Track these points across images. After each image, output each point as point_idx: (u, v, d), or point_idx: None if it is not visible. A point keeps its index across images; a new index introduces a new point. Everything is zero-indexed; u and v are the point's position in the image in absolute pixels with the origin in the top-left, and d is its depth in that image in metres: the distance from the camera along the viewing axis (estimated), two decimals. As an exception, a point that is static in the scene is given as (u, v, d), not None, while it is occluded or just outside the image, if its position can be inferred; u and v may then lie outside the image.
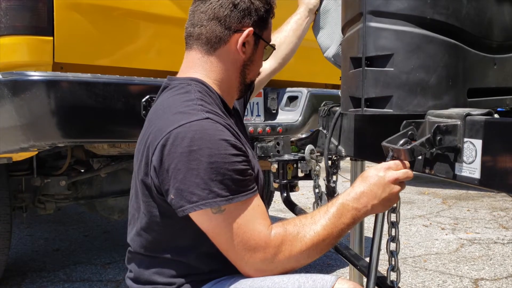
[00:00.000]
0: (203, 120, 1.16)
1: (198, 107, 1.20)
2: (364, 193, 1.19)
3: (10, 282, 3.10)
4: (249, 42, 1.33)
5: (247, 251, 1.14)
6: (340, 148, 1.80)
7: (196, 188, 1.11)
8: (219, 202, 1.11)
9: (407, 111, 1.29)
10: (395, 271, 1.37)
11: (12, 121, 1.98)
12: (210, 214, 1.13)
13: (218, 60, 1.33)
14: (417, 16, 1.26)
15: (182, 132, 1.13)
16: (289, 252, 1.15)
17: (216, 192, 1.11)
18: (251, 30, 1.31)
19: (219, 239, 1.16)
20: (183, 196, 1.12)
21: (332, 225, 1.17)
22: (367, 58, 1.31)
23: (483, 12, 1.34)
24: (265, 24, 1.37)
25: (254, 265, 1.16)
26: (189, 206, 1.12)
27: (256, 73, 1.43)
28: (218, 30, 1.31)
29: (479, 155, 1.12)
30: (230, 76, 1.35)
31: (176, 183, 1.12)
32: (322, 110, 1.96)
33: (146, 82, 2.22)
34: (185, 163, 1.11)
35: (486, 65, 1.40)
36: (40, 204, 3.09)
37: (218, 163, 1.11)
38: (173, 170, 1.12)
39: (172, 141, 1.13)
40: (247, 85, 1.42)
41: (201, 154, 1.11)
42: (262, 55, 1.41)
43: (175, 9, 2.47)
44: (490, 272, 3.38)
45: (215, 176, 1.11)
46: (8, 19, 1.99)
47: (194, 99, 1.23)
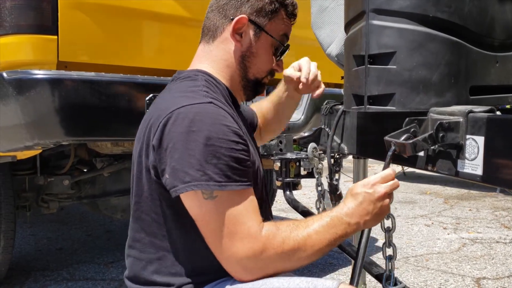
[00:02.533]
0: (206, 104, 1.15)
1: (203, 93, 1.20)
2: (355, 210, 1.18)
3: (14, 281, 3.11)
4: (246, 32, 1.30)
5: (234, 243, 1.10)
6: (342, 146, 1.81)
7: (190, 168, 1.08)
8: (211, 186, 1.08)
9: (410, 108, 1.29)
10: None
11: (17, 120, 1.99)
12: (201, 199, 1.10)
13: (218, 49, 1.32)
14: (419, 14, 1.26)
15: (183, 112, 1.13)
16: (280, 250, 1.11)
17: (209, 175, 1.08)
18: (243, 17, 1.28)
19: (207, 228, 1.12)
20: (177, 175, 1.10)
21: (325, 232, 1.15)
22: (370, 56, 1.32)
23: (485, 10, 1.35)
24: (269, 16, 1.32)
25: (240, 261, 1.10)
26: (181, 186, 1.09)
27: (261, 69, 1.36)
28: (217, 19, 1.33)
29: (481, 152, 1.13)
30: (230, 67, 1.32)
31: (172, 162, 1.10)
32: (324, 109, 1.96)
33: (150, 80, 2.23)
34: (183, 143, 1.09)
35: (488, 63, 1.41)
36: (43, 203, 3.10)
37: (216, 147, 1.09)
38: (171, 149, 1.11)
39: (173, 121, 1.12)
40: (250, 81, 1.36)
41: (199, 136, 1.09)
42: (268, 50, 1.34)
43: (178, 8, 2.48)
44: (492, 271, 3.38)
45: (210, 159, 1.09)
46: (12, 18, 2.00)
47: (199, 85, 1.24)
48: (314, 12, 1.84)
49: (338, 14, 1.73)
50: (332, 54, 1.78)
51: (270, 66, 1.37)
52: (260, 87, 1.39)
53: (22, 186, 3.03)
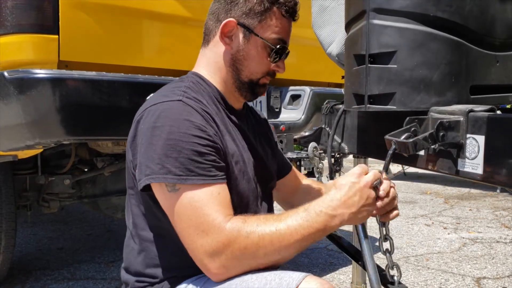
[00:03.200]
0: (174, 101, 1.19)
1: (180, 92, 1.23)
2: (340, 201, 1.12)
3: (15, 280, 3.11)
4: (236, 35, 1.29)
5: (199, 235, 1.09)
6: (343, 145, 1.81)
7: (151, 162, 1.12)
8: (169, 179, 1.11)
9: (410, 107, 1.30)
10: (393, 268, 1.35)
11: (18, 119, 1.99)
12: (165, 192, 1.13)
13: (211, 52, 1.34)
14: (420, 14, 1.27)
15: (153, 109, 1.18)
16: (243, 244, 1.08)
17: (168, 168, 1.11)
18: (230, 20, 1.28)
19: (174, 220, 1.14)
20: (141, 169, 1.15)
21: (298, 226, 1.10)
22: (370, 55, 1.32)
23: (486, 9, 1.35)
24: (258, 17, 1.29)
25: (206, 254, 1.09)
26: (143, 179, 1.14)
27: (255, 71, 1.33)
28: (210, 23, 1.34)
29: (481, 151, 1.13)
30: (222, 70, 1.32)
31: (139, 156, 1.16)
32: (325, 108, 1.97)
33: (150, 80, 2.24)
34: (148, 138, 1.14)
35: (488, 63, 1.41)
36: (44, 202, 3.10)
37: (177, 141, 1.12)
38: (140, 144, 1.17)
39: (144, 117, 1.19)
40: (245, 83, 1.33)
41: (162, 131, 1.13)
42: (260, 52, 1.31)
43: (179, 8, 2.48)
44: (492, 271, 3.38)
45: (171, 153, 1.11)
46: (14, 17, 2.00)
47: (182, 86, 1.27)
48: (315, 11, 1.84)
49: (338, 13, 1.73)
50: (333, 53, 1.78)
51: (265, 67, 1.33)
52: (258, 87, 1.36)
53: (23, 185, 3.04)
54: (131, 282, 1.29)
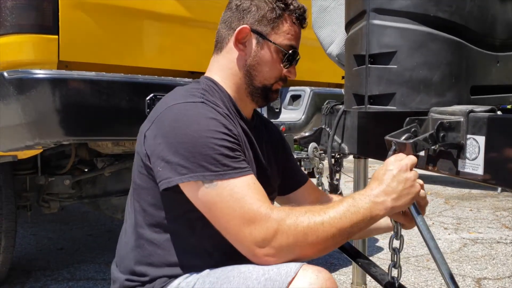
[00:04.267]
0: (197, 103, 1.22)
1: (199, 94, 1.26)
2: (380, 190, 1.15)
3: (15, 280, 3.11)
4: (249, 41, 1.33)
5: (246, 224, 1.09)
6: (343, 145, 1.81)
7: (185, 161, 1.13)
8: (207, 176, 1.12)
9: (410, 108, 1.29)
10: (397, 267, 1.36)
11: (18, 119, 1.99)
12: (202, 189, 1.13)
13: (224, 58, 1.37)
14: (420, 14, 1.27)
15: (176, 108, 1.20)
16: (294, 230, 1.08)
17: (205, 166, 1.12)
18: (244, 27, 1.32)
19: (214, 214, 1.14)
20: (171, 168, 1.14)
21: (346, 211, 1.12)
22: (370, 56, 1.32)
23: (487, 9, 1.35)
24: (271, 23, 1.33)
25: (256, 241, 1.09)
26: (176, 178, 1.13)
27: (268, 77, 1.36)
28: (223, 31, 1.38)
29: (482, 152, 1.13)
30: (235, 75, 1.35)
31: (165, 156, 1.15)
32: (325, 108, 1.96)
33: (150, 80, 2.23)
34: (176, 137, 1.15)
35: (489, 63, 1.41)
36: (44, 203, 3.10)
37: (207, 138, 1.14)
38: (164, 143, 1.16)
39: (166, 116, 1.19)
40: (258, 88, 1.36)
41: (190, 129, 1.14)
42: (273, 58, 1.35)
43: (179, 8, 2.48)
44: (493, 272, 3.38)
45: (204, 151, 1.12)
46: (13, 17, 2.00)
47: (199, 88, 1.30)
48: (315, 11, 1.84)
49: (338, 13, 1.73)
50: (333, 54, 1.78)
51: (278, 73, 1.37)
52: (271, 93, 1.39)
53: (23, 186, 3.03)
54: (121, 280, 1.30)
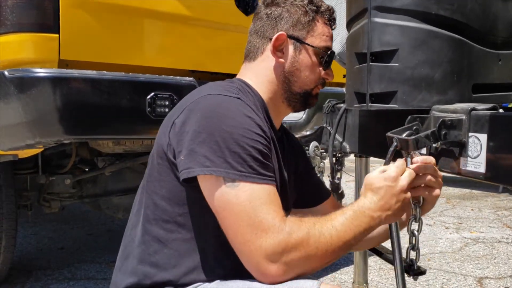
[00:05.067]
0: (235, 98, 1.17)
1: (235, 91, 1.22)
2: (377, 205, 1.14)
3: (15, 280, 3.11)
4: (286, 47, 1.31)
5: (258, 235, 1.04)
6: (344, 144, 1.80)
7: (211, 153, 1.07)
8: (231, 174, 1.06)
9: (412, 106, 1.29)
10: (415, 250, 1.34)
11: (18, 118, 1.99)
12: (222, 186, 1.07)
13: (259, 67, 1.34)
14: (422, 12, 1.26)
15: (212, 99, 1.16)
16: (305, 243, 1.06)
17: (230, 163, 1.07)
18: (281, 34, 1.30)
19: (226, 215, 1.08)
20: (194, 158, 1.08)
21: (350, 224, 1.11)
22: (372, 54, 1.31)
23: (488, 7, 1.35)
24: (306, 27, 1.32)
25: (266, 254, 1.04)
26: (198, 169, 1.08)
27: (310, 81, 1.34)
28: (256, 41, 1.35)
29: (484, 150, 1.12)
30: (272, 82, 1.32)
31: (191, 144, 1.09)
32: (326, 107, 1.96)
33: (151, 79, 2.23)
34: (207, 128, 1.09)
35: (491, 61, 1.40)
36: (45, 202, 3.10)
37: (239, 136, 1.09)
38: (193, 132, 1.10)
39: (200, 105, 1.14)
40: (297, 94, 1.34)
41: (224, 123, 1.10)
42: (312, 61, 1.33)
43: (180, 7, 2.48)
44: (494, 271, 3.38)
45: (233, 147, 1.08)
46: (14, 16, 2.00)
47: (234, 86, 1.26)
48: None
49: (340, 11, 1.73)
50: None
51: (317, 76, 1.35)
52: (310, 98, 1.37)
53: (24, 185, 3.03)
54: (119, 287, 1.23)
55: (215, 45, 2.70)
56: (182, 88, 2.28)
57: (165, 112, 2.21)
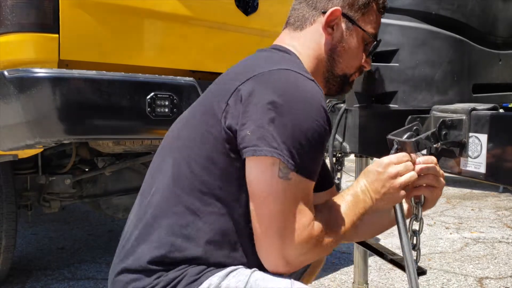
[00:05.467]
0: (309, 80, 1.09)
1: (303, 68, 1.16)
2: (367, 187, 1.16)
3: (15, 280, 3.11)
4: (338, 24, 1.24)
5: (288, 234, 1.04)
6: (344, 144, 1.80)
7: (280, 136, 1.00)
8: (290, 164, 1.01)
9: (412, 106, 1.29)
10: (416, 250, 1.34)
11: (18, 118, 1.99)
12: (274, 173, 1.01)
13: (306, 38, 1.26)
14: (422, 12, 1.26)
15: (290, 75, 1.07)
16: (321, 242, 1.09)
17: (291, 152, 1.01)
18: (337, 9, 1.23)
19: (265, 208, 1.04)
20: (263, 136, 1.01)
21: (351, 213, 1.15)
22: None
23: (489, 8, 1.35)
24: (362, 9, 1.25)
25: (284, 252, 1.05)
26: (265, 149, 1.00)
27: (351, 65, 1.28)
28: (305, 11, 1.27)
29: (484, 150, 1.12)
30: (317, 59, 1.26)
31: (261, 119, 1.01)
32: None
33: (151, 79, 2.23)
34: (281, 106, 1.02)
35: (491, 61, 1.40)
36: (45, 202, 3.10)
37: (313, 130, 1.03)
38: (264, 107, 1.02)
39: (273, 78, 1.06)
40: (337, 76, 1.29)
41: (297, 108, 1.03)
42: (359, 45, 1.27)
43: (179, 7, 2.48)
44: (495, 271, 3.37)
45: (299, 137, 1.02)
46: (14, 16, 2.00)
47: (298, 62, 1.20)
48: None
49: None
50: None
51: (359, 62, 1.29)
52: (347, 84, 1.32)
53: (24, 185, 3.03)
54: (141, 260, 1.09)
55: (215, 45, 2.70)
56: (182, 88, 2.28)
57: (165, 112, 2.21)
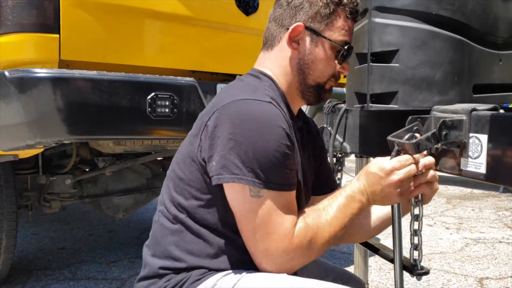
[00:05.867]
0: (267, 103, 1.17)
1: (264, 91, 1.23)
2: (366, 189, 1.20)
3: (16, 280, 3.11)
4: (302, 38, 1.29)
5: (269, 243, 1.14)
6: (345, 144, 1.80)
7: (241, 162, 1.12)
8: (257, 184, 1.12)
9: (413, 106, 1.29)
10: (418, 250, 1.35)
11: (19, 118, 1.99)
12: (247, 195, 1.13)
13: (276, 56, 1.33)
14: (422, 12, 1.26)
15: (245, 105, 1.16)
16: (306, 246, 1.16)
17: (258, 173, 1.11)
18: (298, 25, 1.27)
19: (245, 224, 1.16)
20: (225, 165, 1.13)
21: (343, 214, 1.19)
22: (372, 54, 1.32)
23: (489, 8, 1.35)
24: (326, 20, 1.28)
25: (271, 257, 1.16)
26: (227, 176, 1.13)
27: (324, 75, 1.31)
28: (274, 29, 1.33)
29: (484, 150, 1.12)
30: (288, 74, 1.32)
31: (223, 151, 1.13)
32: (327, 108, 1.96)
33: (152, 79, 2.23)
34: (238, 135, 1.12)
35: (491, 61, 1.40)
36: (45, 202, 3.10)
37: (269, 148, 1.12)
38: (224, 138, 1.13)
39: (232, 110, 1.15)
40: (311, 86, 1.32)
41: (255, 132, 1.12)
42: (328, 55, 1.30)
43: (180, 7, 2.48)
44: (495, 271, 3.37)
45: (262, 159, 1.12)
46: (14, 16, 2.00)
47: (263, 85, 1.27)
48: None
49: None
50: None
51: (331, 70, 1.32)
52: (324, 92, 1.35)
53: (24, 185, 3.04)
54: (154, 268, 1.27)
55: (216, 45, 2.70)
56: (182, 88, 2.28)
57: (166, 112, 2.21)
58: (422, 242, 1.33)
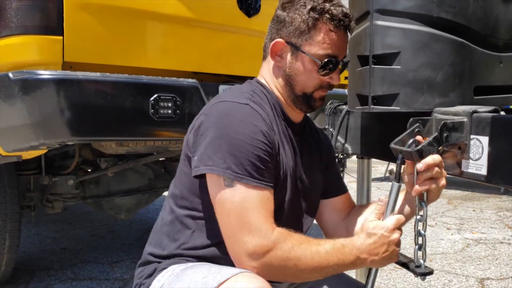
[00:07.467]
0: (243, 105, 1.27)
1: (248, 95, 1.32)
2: (367, 248, 1.24)
3: (19, 280, 3.12)
4: (285, 52, 1.34)
5: (244, 235, 1.17)
6: (346, 146, 1.81)
7: (214, 154, 1.20)
8: (228, 174, 1.18)
9: (414, 108, 1.30)
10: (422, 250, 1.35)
11: (22, 120, 2.00)
12: (221, 185, 1.19)
13: (267, 66, 1.41)
14: (423, 15, 1.27)
15: (223, 106, 1.27)
16: (286, 254, 1.16)
17: (228, 164, 1.18)
18: (278, 41, 1.33)
19: (222, 214, 1.21)
20: (202, 158, 1.22)
21: (334, 255, 1.21)
22: (374, 56, 1.32)
23: (490, 10, 1.36)
24: (305, 35, 1.30)
25: (248, 252, 1.16)
26: (202, 168, 1.21)
27: (308, 86, 1.34)
28: (266, 41, 1.40)
29: (485, 152, 1.13)
30: (277, 84, 1.38)
31: (202, 147, 1.23)
32: (328, 109, 1.97)
33: (155, 81, 2.24)
34: (215, 132, 1.21)
35: (492, 63, 1.41)
36: (48, 203, 3.11)
37: (241, 141, 1.19)
38: (205, 136, 1.23)
39: (213, 111, 1.27)
40: (299, 96, 1.35)
41: (229, 129, 1.21)
42: (309, 68, 1.31)
43: (182, 9, 2.49)
44: (496, 272, 3.38)
45: (233, 151, 1.19)
46: (18, 18, 2.01)
47: (249, 90, 1.36)
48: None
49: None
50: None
51: (315, 82, 1.33)
52: (313, 101, 1.37)
53: (27, 186, 3.04)
54: (145, 254, 1.40)
55: (218, 47, 2.71)
56: (185, 89, 2.29)
57: (168, 113, 2.22)
58: (425, 243, 1.34)
